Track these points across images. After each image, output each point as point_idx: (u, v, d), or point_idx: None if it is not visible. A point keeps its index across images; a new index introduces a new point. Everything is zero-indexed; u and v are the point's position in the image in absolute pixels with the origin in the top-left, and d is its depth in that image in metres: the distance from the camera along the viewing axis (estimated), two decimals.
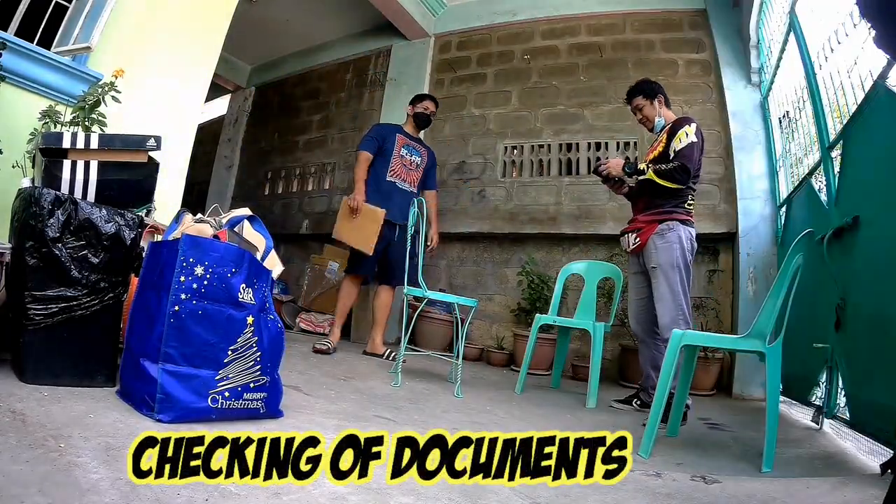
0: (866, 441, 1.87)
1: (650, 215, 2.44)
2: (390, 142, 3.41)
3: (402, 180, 3.42)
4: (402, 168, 3.42)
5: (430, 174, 3.59)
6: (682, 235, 2.34)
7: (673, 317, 2.25)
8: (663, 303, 2.30)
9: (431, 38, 4.91)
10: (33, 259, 1.39)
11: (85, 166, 1.55)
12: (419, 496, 1.03)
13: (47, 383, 1.37)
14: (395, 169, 3.39)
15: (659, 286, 2.34)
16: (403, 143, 3.45)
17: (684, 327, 2.15)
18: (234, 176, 6.12)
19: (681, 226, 2.36)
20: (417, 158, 3.50)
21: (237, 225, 1.53)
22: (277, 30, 5.51)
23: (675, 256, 2.32)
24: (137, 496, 0.86)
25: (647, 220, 2.44)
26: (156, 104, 2.39)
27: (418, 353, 3.17)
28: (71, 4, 2.22)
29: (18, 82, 1.98)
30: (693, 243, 2.39)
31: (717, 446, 1.92)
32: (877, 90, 1.86)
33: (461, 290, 4.31)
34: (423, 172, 3.52)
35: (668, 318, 2.26)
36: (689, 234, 2.37)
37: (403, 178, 3.43)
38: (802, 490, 1.30)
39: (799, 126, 2.99)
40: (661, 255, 2.34)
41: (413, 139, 3.52)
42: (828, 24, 2.42)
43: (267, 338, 1.45)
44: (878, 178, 1.87)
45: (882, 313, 1.74)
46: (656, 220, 2.40)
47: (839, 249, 2.12)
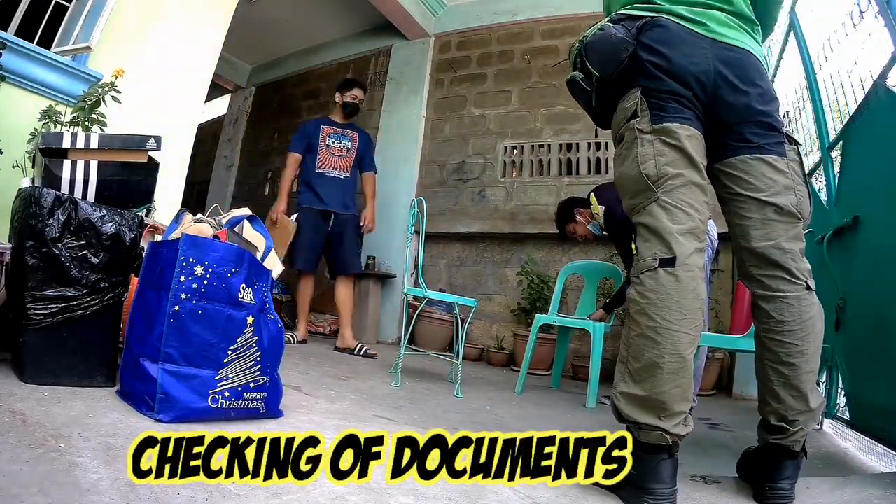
0: (866, 441, 1.87)
1: None
2: (315, 136, 3.49)
3: (332, 168, 3.49)
4: (329, 157, 3.49)
5: (364, 156, 3.64)
6: None
7: None
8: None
9: (431, 38, 4.91)
10: (33, 259, 1.38)
11: (85, 166, 1.55)
12: (419, 496, 1.03)
13: (47, 383, 1.37)
14: (322, 159, 3.47)
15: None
16: (329, 133, 3.52)
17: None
18: (234, 176, 6.12)
19: None
20: (347, 143, 3.55)
21: (237, 225, 1.53)
22: (277, 30, 5.50)
23: None
24: (137, 496, 0.86)
25: None
26: (156, 104, 2.39)
27: (418, 353, 3.17)
28: (71, 4, 2.22)
29: (18, 82, 1.97)
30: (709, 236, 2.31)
31: (717, 446, 1.92)
32: (877, 90, 1.86)
33: (461, 290, 4.31)
34: (357, 155, 3.57)
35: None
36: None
37: (334, 166, 3.49)
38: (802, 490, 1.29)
39: (799, 126, 2.99)
40: None
41: (341, 126, 3.58)
42: (828, 24, 2.42)
43: (267, 338, 1.45)
44: (878, 178, 1.86)
45: (882, 313, 1.74)
46: None
47: (839, 249, 2.12)
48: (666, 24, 1.20)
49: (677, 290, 1.10)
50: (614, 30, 1.21)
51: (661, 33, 1.19)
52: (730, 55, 1.19)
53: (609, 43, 1.21)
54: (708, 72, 1.17)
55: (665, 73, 1.17)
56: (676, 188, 1.15)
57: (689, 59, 1.17)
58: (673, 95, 1.17)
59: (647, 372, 1.10)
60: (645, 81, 1.19)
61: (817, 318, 1.19)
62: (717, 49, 1.18)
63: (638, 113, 1.19)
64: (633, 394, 1.12)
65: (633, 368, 1.13)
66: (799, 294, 1.17)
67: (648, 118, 1.18)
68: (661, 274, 1.11)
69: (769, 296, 1.20)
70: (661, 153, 1.16)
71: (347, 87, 3.59)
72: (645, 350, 1.11)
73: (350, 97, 3.56)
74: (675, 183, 1.15)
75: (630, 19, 1.24)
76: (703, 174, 1.20)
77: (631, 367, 1.14)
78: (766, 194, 1.18)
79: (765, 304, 1.20)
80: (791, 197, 1.19)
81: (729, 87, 1.18)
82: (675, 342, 1.08)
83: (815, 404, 1.17)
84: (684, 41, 1.18)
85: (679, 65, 1.17)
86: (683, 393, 1.09)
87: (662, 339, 1.09)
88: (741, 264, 1.27)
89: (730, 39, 1.20)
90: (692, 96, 1.18)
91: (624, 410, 1.13)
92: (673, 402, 1.08)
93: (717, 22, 1.20)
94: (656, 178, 1.15)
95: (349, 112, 3.59)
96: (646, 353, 1.11)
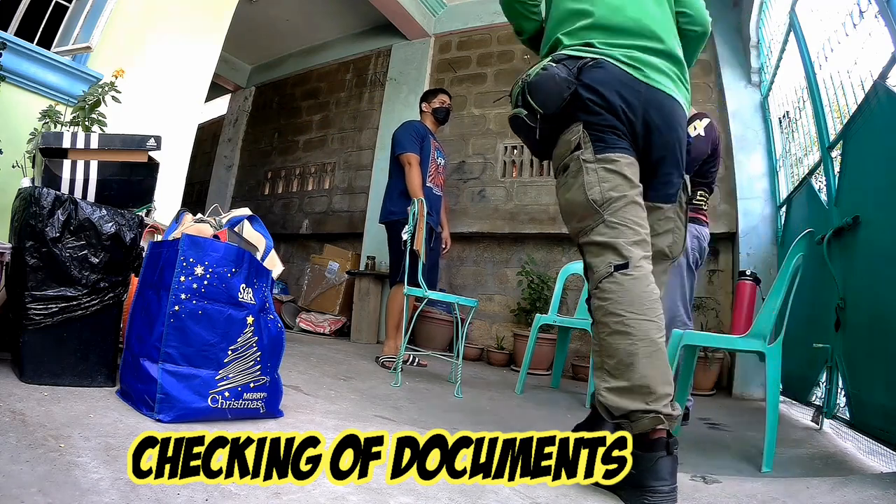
0: (866, 441, 1.87)
1: None
2: (427, 144, 3.21)
3: (436, 185, 3.28)
4: (436, 173, 3.27)
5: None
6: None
7: (671, 317, 2.24)
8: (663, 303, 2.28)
9: (431, 38, 4.91)
10: (33, 259, 1.39)
11: (85, 166, 1.55)
12: (419, 496, 1.03)
13: (47, 383, 1.37)
14: (431, 174, 3.22)
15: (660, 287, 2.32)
16: (436, 147, 3.31)
17: (682, 328, 2.15)
18: (234, 176, 6.13)
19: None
20: (443, 160, 3.39)
21: (237, 225, 1.53)
22: (277, 30, 5.51)
23: None
24: (137, 496, 0.86)
25: None
26: (156, 104, 2.39)
27: (418, 353, 3.17)
28: (71, 4, 2.22)
29: (18, 82, 1.98)
30: (701, 242, 2.33)
31: (717, 446, 1.92)
32: (877, 90, 1.86)
33: (461, 290, 4.31)
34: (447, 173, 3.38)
35: (667, 318, 2.24)
36: (695, 231, 2.32)
37: (436, 182, 3.28)
38: (802, 490, 1.29)
39: (799, 126, 2.99)
40: None
41: (437, 140, 3.38)
42: (828, 24, 2.42)
43: (267, 338, 1.45)
44: (878, 178, 1.87)
45: (882, 313, 1.74)
46: None
47: (839, 249, 2.12)
48: (605, 66, 1.32)
49: (635, 286, 1.21)
50: (556, 69, 1.32)
51: (601, 73, 1.31)
52: (661, 101, 1.32)
53: (553, 82, 1.31)
54: (639, 112, 1.30)
55: (604, 109, 1.29)
56: (621, 208, 1.27)
57: (625, 98, 1.29)
58: (611, 129, 1.30)
59: (625, 363, 1.17)
60: (586, 116, 1.31)
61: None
62: (651, 93, 1.31)
63: (581, 145, 1.31)
64: (617, 387, 1.18)
65: (611, 365, 1.20)
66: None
67: (591, 149, 1.30)
68: (617, 276, 1.22)
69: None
70: (604, 179, 1.28)
71: (433, 95, 3.39)
72: (618, 344, 1.18)
73: (438, 102, 3.35)
74: (619, 204, 1.27)
75: (571, 59, 1.35)
76: (641, 194, 1.32)
77: (608, 365, 1.20)
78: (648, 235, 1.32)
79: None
80: (668, 238, 1.40)
81: (655, 129, 1.31)
82: (644, 328, 1.17)
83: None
84: (621, 82, 1.30)
85: (615, 103, 1.29)
86: (664, 375, 1.16)
87: (632, 329, 1.17)
88: None
89: (662, 87, 1.33)
90: (626, 131, 1.31)
91: (612, 404, 1.18)
92: (657, 385, 1.14)
93: (653, 69, 1.33)
94: (602, 202, 1.27)
95: (441, 118, 3.37)
96: (619, 346, 1.18)
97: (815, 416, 2.34)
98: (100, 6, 2.11)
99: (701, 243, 2.34)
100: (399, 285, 2.95)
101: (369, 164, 4.97)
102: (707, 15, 1.48)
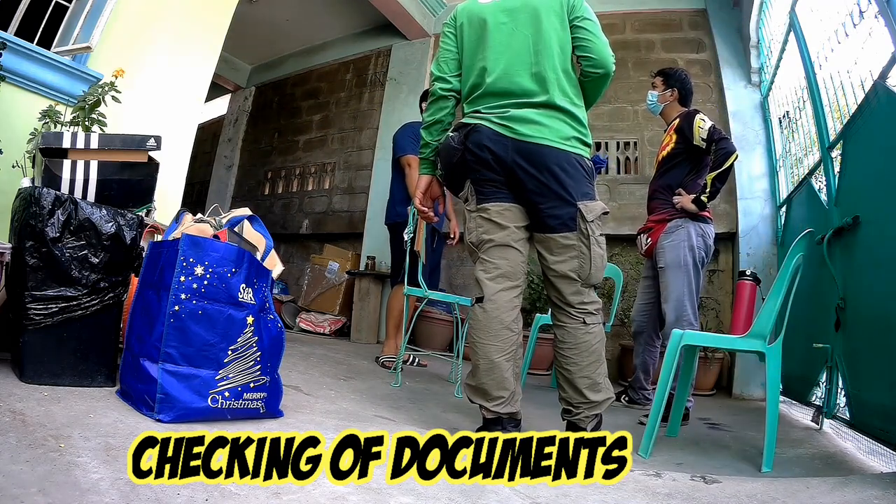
0: (866, 441, 1.87)
1: (660, 214, 2.41)
2: None
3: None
4: None
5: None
6: (691, 233, 2.29)
7: (677, 316, 2.24)
8: (668, 303, 2.28)
9: (431, 38, 4.91)
10: (33, 259, 1.38)
11: (85, 166, 1.55)
12: (419, 496, 1.03)
13: (47, 383, 1.37)
14: None
15: (665, 286, 2.31)
16: None
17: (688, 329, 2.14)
18: (234, 176, 6.12)
19: (691, 223, 2.30)
20: None
21: (237, 225, 1.53)
22: (277, 30, 5.51)
23: (681, 255, 2.28)
24: (137, 496, 0.86)
25: (657, 220, 2.42)
26: (156, 104, 2.39)
27: (418, 353, 3.17)
28: (71, 4, 2.22)
29: (18, 82, 1.97)
30: (706, 240, 2.32)
31: (717, 446, 1.92)
32: (877, 90, 1.86)
33: (461, 290, 4.31)
34: None
35: (672, 318, 2.25)
36: (700, 230, 2.31)
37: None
38: (802, 490, 1.29)
39: (799, 126, 2.99)
40: (668, 254, 2.31)
41: None
42: (828, 24, 2.42)
43: (267, 338, 1.45)
44: (878, 178, 1.86)
45: (882, 313, 1.74)
46: (665, 218, 2.38)
47: (839, 249, 2.12)
48: (481, 130, 1.58)
49: (485, 318, 1.56)
50: (450, 137, 1.64)
51: (478, 136, 1.58)
52: (529, 149, 1.53)
53: (447, 150, 1.64)
54: (507, 161, 1.55)
55: (482, 165, 1.58)
56: (489, 249, 1.60)
57: (494, 153, 1.56)
58: (489, 182, 1.59)
59: (474, 370, 1.57)
60: (471, 174, 1.62)
61: (592, 342, 1.55)
62: (517, 144, 1.54)
63: (468, 198, 1.65)
64: (469, 384, 1.59)
65: (472, 368, 1.59)
66: (576, 326, 1.56)
67: (475, 201, 1.63)
68: (476, 308, 1.59)
69: (557, 325, 1.61)
70: (479, 226, 1.62)
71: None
72: (472, 356, 1.59)
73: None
74: (487, 245, 1.60)
75: (463, 127, 1.63)
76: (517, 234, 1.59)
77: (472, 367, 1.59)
78: (552, 262, 1.58)
79: (555, 330, 1.62)
80: (572, 263, 1.56)
81: (523, 171, 1.54)
82: (486, 350, 1.54)
83: (594, 398, 1.54)
84: (492, 139, 1.56)
85: (488, 159, 1.56)
86: (498, 384, 1.52)
87: (477, 350, 1.56)
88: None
89: (529, 137, 1.54)
90: (503, 181, 1.58)
91: (468, 393, 1.59)
92: (491, 390, 1.53)
93: (522, 122, 1.55)
94: (478, 244, 1.62)
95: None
96: (473, 358, 1.59)
97: (815, 416, 2.34)
98: (100, 6, 2.11)
99: (707, 241, 2.33)
100: (400, 285, 2.94)
101: (369, 165, 4.97)
102: (610, 58, 1.60)
